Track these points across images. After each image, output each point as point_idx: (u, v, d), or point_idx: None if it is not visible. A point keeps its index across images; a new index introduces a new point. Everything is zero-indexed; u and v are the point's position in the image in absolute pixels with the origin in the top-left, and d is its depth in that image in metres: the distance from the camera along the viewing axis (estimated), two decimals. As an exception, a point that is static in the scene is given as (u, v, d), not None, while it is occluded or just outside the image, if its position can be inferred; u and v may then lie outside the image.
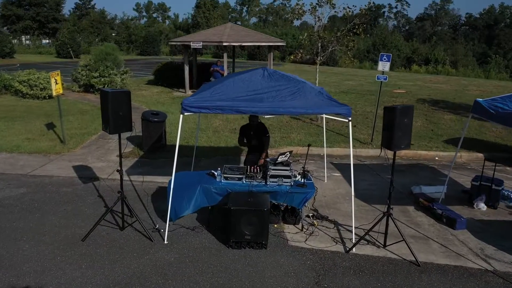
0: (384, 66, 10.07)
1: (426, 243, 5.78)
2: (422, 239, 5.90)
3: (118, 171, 5.58)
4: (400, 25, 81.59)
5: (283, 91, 5.63)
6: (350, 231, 5.94)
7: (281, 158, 6.08)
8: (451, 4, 76.81)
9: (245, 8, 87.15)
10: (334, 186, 7.87)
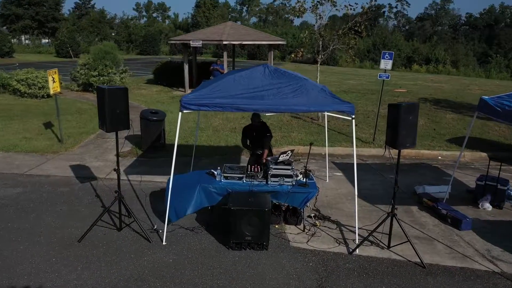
0: (386, 64, 9.93)
1: (431, 244, 5.65)
2: (426, 240, 5.76)
3: (115, 170, 5.45)
4: (400, 25, 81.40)
5: (284, 89, 5.49)
6: (353, 231, 5.81)
7: (282, 157, 5.94)
8: (451, 4, 76.78)
9: (245, 7, 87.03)
10: (336, 186, 7.74)
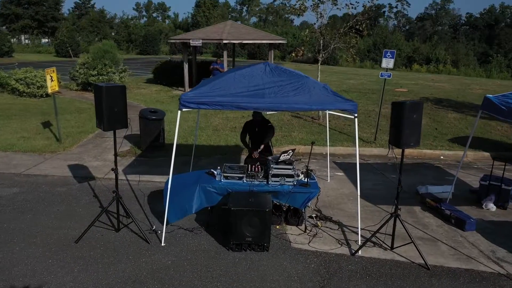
0: (388, 63, 9.82)
1: (435, 245, 5.54)
2: (430, 241, 5.66)
3: (113, 170, 5.34)
4: (401, 25, 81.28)
5: (285, 87, 5.39)
6: (355, 232, 5.71)
7: (283, 157, 5.84)
8: (451, 4, 76.61)
9: (245, 7, 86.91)
10: (338, 186, 7.63)
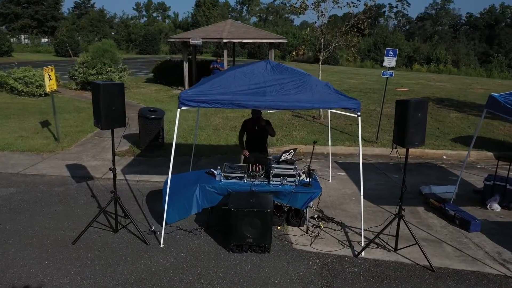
0: (390, 61, 9.71)
1: (439, 247, 5.43)
2: (434, 242, 5.55)
3: (111, 169, 5.23)
4: (401, 24, 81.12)
5: (287, 84, 5.28)
6: (358, 233, 5.61)
7: (284, 156, 5.73)
8: (451, 4, 76.37)
9: (245, 7, 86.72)
10: (340, 186, 7.52)
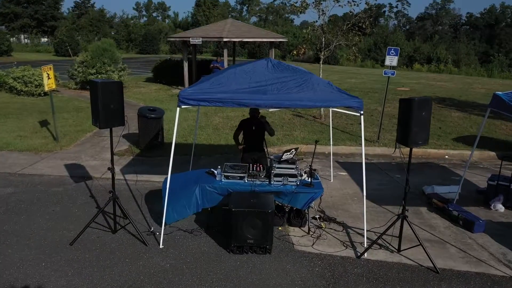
0: (392, 60, 9.63)
1: (443, 248, 5.35)
2: (438, 243, 5.47)
3: (109, 169, 5.15)
4: (401, 24, 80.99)
5: (288, 83, 5.19)
6: (360, 234, 5.52)
7: (286, 156, 5.64)
8: (451, 4, 76.21)
9: (245, 7, 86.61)
10: (341, 186, 7.44)
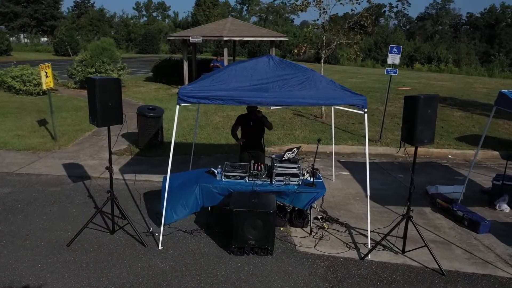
0: (394, 58, 9.51)
1: (448, 249, 5.24)
2: (443, 244, 5.36)
3: (107, 168, 5.04)
4: (401, 24, 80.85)
5: (290, 80, 5.08)
6: (363, 235, 5.42)
7: (287, 155, 5.53)
8: (452, 4, 76.10)
9: (245, 7, 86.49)
10: (343, 186, 7.33)
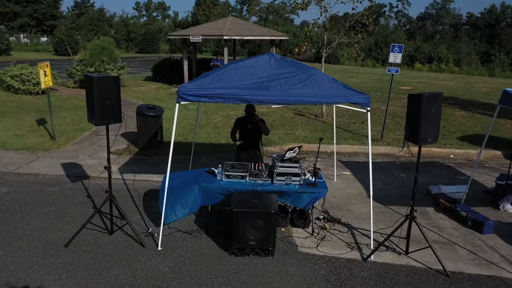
0: (395, 57, 9.44)
1: (452, 249, 5.16)
2: (447, 245, 5.28)
3: (106, 168, 4.96)
4: (401, 24, 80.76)
5: (292, 79, 5.00)
6: (366, 235, 5.33)
7: (289, 154, 5.45)
8: (452, 4, 76.03)
9: (245, 7, 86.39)
10: (345, 186, 7.25)
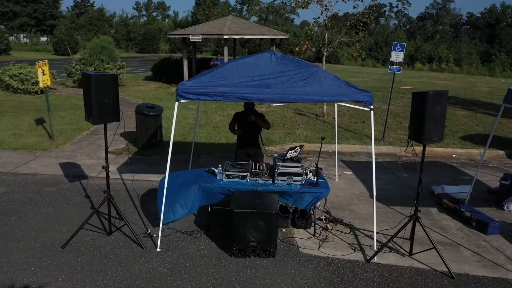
0: (397, 56, 9.36)
1: (456, 251, 5.07)
2: (451, 246, 5.18)
3: (104, 167, 4.87)
4: (401, 24, 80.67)
5: (294, 77, 4.91)
6: (369, 236, 5.24)
7: (290, 154, 5.36)
8: (452, 3, 75.95)
9: (245, 7, 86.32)
10: (347, 186, 7.16)
